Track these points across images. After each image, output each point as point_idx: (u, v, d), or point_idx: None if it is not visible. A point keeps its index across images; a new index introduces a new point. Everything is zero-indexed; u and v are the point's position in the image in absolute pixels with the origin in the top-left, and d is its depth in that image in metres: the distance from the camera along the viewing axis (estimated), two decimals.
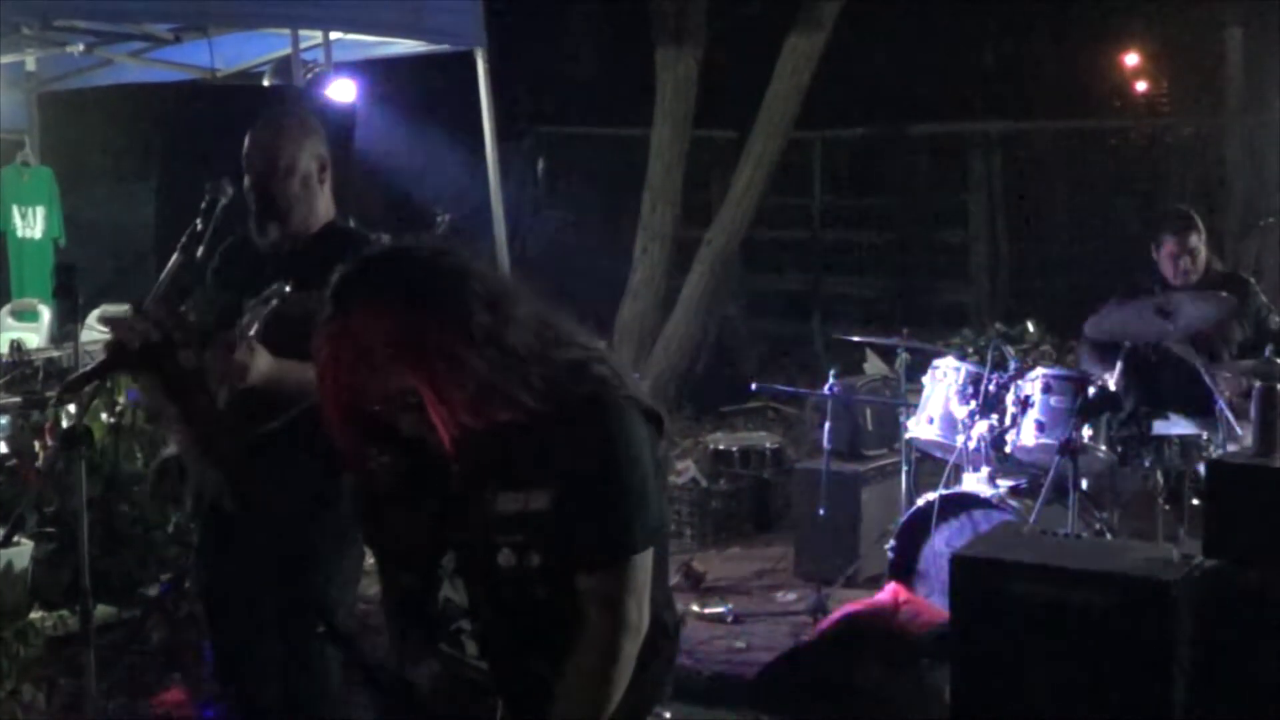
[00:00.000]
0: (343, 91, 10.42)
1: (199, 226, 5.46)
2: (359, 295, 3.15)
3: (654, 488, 3.24)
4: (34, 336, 9.86)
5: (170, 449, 5.17)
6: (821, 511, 8.59)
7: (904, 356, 8.82)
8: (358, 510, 3.45)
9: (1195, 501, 7.04)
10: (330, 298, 3.17)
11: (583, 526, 3.15)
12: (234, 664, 5.34)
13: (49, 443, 7.73)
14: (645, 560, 3.22)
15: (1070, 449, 7.19)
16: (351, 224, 5.49)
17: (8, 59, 10.80)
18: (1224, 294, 7.67)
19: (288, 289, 4.71)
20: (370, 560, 6.78)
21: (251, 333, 4.74)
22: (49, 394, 8.09)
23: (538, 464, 3.18)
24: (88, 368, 3.96)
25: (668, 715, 3.40)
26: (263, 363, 4.74)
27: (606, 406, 3.19)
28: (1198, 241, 7.98)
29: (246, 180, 5.18)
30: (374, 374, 3.11)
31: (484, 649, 3.30)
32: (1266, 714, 5.78)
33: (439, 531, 3.30)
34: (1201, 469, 6.93)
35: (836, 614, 7.41)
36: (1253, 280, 8.27)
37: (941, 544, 7.58)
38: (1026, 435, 7.60)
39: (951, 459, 7.88)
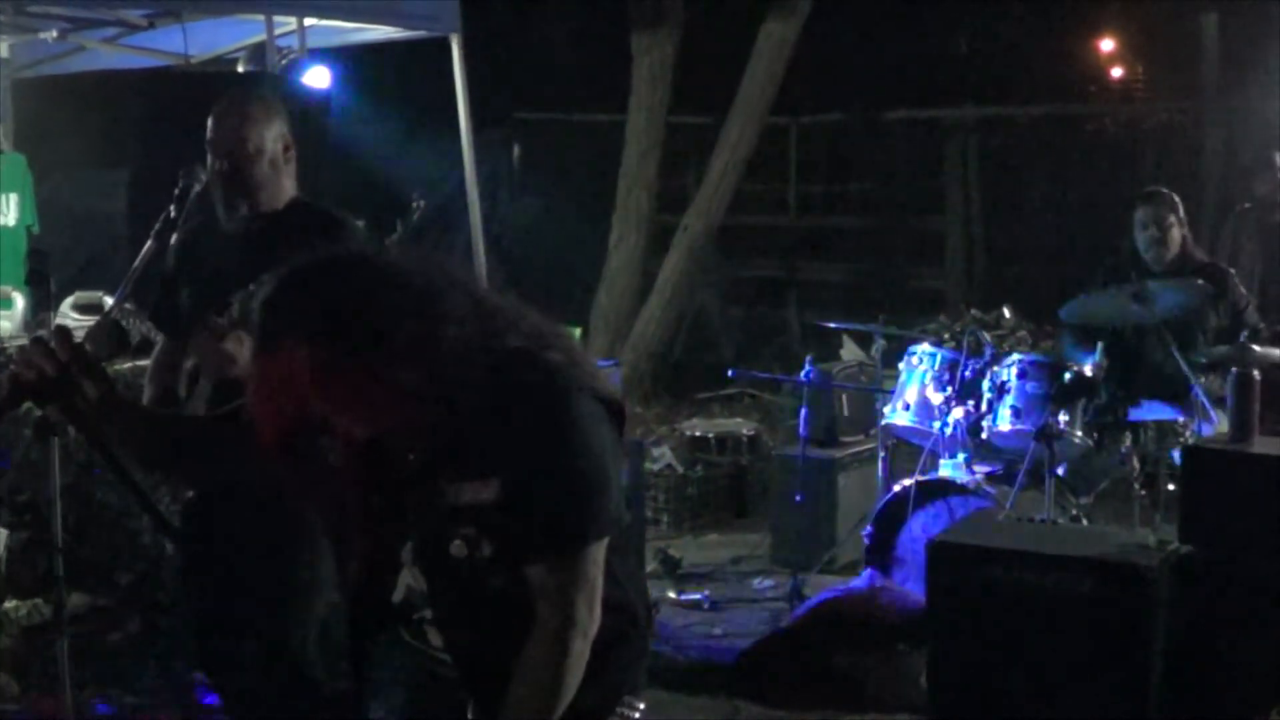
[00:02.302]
0: (317, 78, 10.38)
1: (172, 213, 5.44)
2: (279, 324, 3.07)
3: (609, 478, 3.17)
4: (7, 324, 9.80)
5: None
6: (798, 498, 8.61)
7: (880, 343, 8.82)
8: (308, 499, 3.41)
9: (1171, 487, 7.05)
10: (256, 323, 3.11)
11: (531, 517, 3.08)
12: (217, 648, 5.33)
13: (23, 431, 7.69)
14: (596, 553, 3.13)
15: (1046, 435, 7.20)
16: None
17: None
18: (1200, 282, 7.68)
19: None
20: None
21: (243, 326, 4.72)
22: None
23: (487, 453, 3.10)
24: None
25: (641, 706, 3.34)
26: (250, 352, 4.73)
27: (555, 394, 3.11)
28: (1168, 215, 7.97)
29: (214, 162, 5.18)
30: (303, 401, 3.03)
31: (446, 639, 3.25)
32: (1241, 697, 5.79)
33: (396, 520, 3.23)
34: (1177, 455, 6.93)
35: (813, 600, 7.41)
36: (1232, 271, 8.28)
37: (918, 530, 7.58)
38: (1003, 421, 7.61)
39: (928, 445, 7.89)
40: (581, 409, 3.13)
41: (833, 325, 10.02)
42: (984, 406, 7.70)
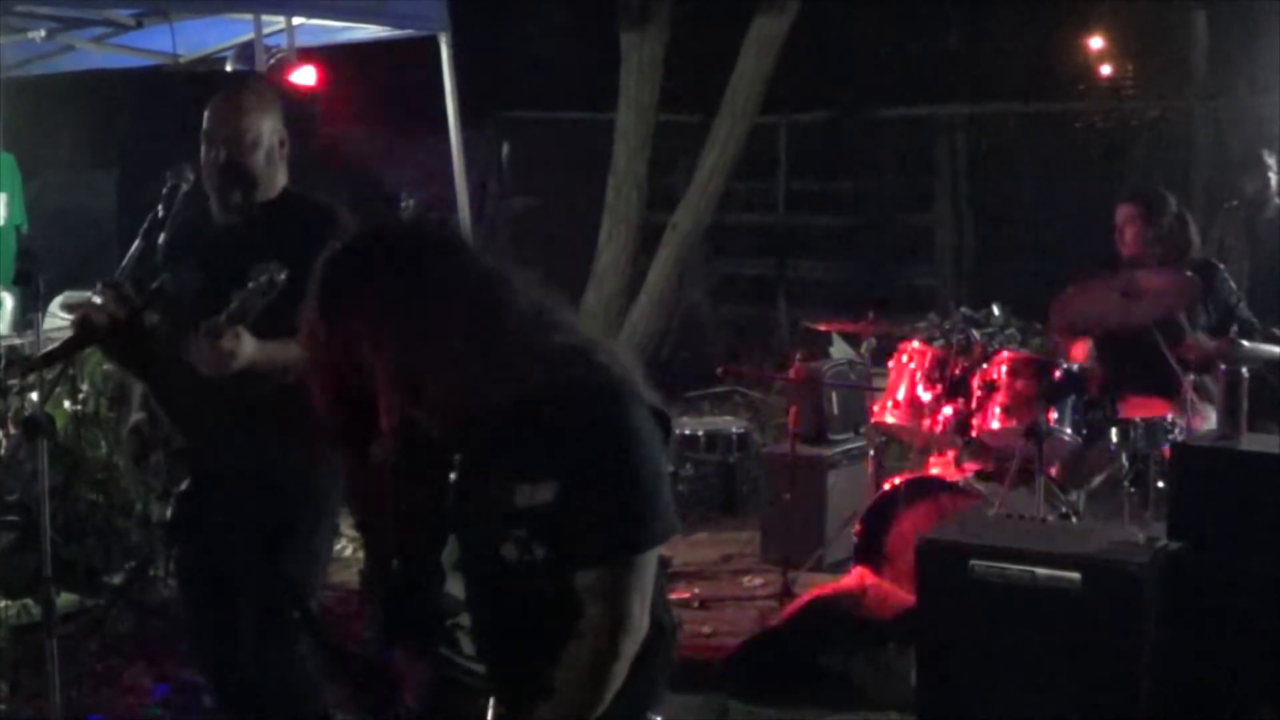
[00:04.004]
0: (306, 77, 10.39)
1: (160, 213, 5.43)
2: (344, 278, 3.09)
3: (664, 487, 3.16)
4: None
5: (138, 414, 5.15)
6: (787, 496, 8.60)
7: (870, 341, 8.83)
8: (350, 495, 3.38)
9: (1161, 484, 7.05)
10: (317, 279, 3.11)
11: (589, 521, 3.07)
12: (209, 643, 5.33)
13: (10, 431, 7.69)
14: (651, 559, 3.14)
15: (1036, 432, 7.20)
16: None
17: None
18: (1190, 275, 7.69)
19: (280, 277, 4.68)
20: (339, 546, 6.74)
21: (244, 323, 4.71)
22: (11, 381, 8.05)
23: (543, 453, 3.09)
24: (54, 345, 3.93)
25: (658, 719, 3.33)
26: (248, 347, 4.73)
27: (614, 398, 3.11)
28: (1141, 217, 7.99)
29: (209, 152, 5.17)
30: (360, 358, 3.04)
31: (481, 647, 3.22)
32: (1231, 695, 5.80)
33: (439, 521, 3.21)
34: (1167, 451, 6.93)
35: (803, 598, 7.40)
36: (1222, 267, 8.29)
37: (907, 528, 7.57)
38: (992, 419, 7.61)
39: (917, 443, 7.88)
40: (639, 416, 3.12)
41: (823, 328, 10.00)
42: (973, 404, 7.70)
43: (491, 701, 3.22)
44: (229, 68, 10.74)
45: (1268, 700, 5.81)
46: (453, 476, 3.18)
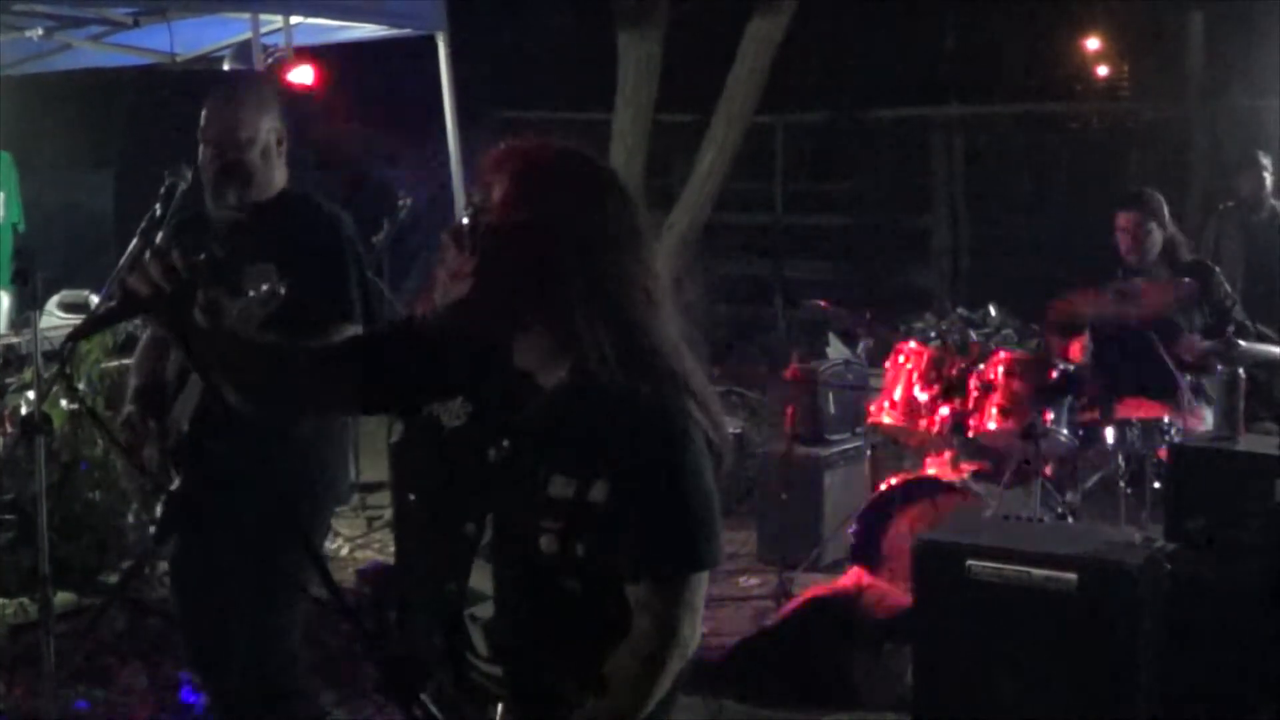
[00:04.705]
0: (303, 76, 10.39)
1: (158, 212, 5.43)
2: (515, 168, 3.16)
3: (718, 514, 3.11)
4: None
5: (130, 407, 5.15)
6: (784, 496, 8.60)
7: (866, 341, 8.83)
8: (403, 461, 3.35)
9: (1157, 485, 7.05)
10: (488, 166, 3.18)
11: (644, 533, 3.02)
12: (204, 642, 5.33)
13: (8, 429, 7.69)
14: (702, 580, 3.10)
15: (1032, 433, 7.20)
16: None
17: None
18: (1186, 280, 7.70)
19: (281, 289, 4.68)
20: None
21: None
22: (9, 380, 8.06)
23: (596, 451, 3.03)
24: (98, 312, 3.93)
25: None
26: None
27: (676, 414, 3.06)
28: (1147, 221, 7.99)
29: (205, 150, 5.16)
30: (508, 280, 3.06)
31: (495, 645, 3.14)
32: (1228, 696, 5.81)
33: (477, 502, 3.13)
34: (1163, 452, 6.94)
35: (799, 598, 7.40)
36: (1218, 269, 8.30)
37: (904, 528, 7.58)
38: (989, 419, 7.61)
39: (914, 443, 7.89)
40: (700, 443, 3.07)
41: (822, 303, 9.96)
42: (970, 404, 7.71)
43: (500, 709, 3.16)
44: (226, 67, 10.76)
45: (1264, 700, 5.82)
46: (505, 445, 3.13)
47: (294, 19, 10.37)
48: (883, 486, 7.78)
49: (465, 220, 3.12)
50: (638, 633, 3.05)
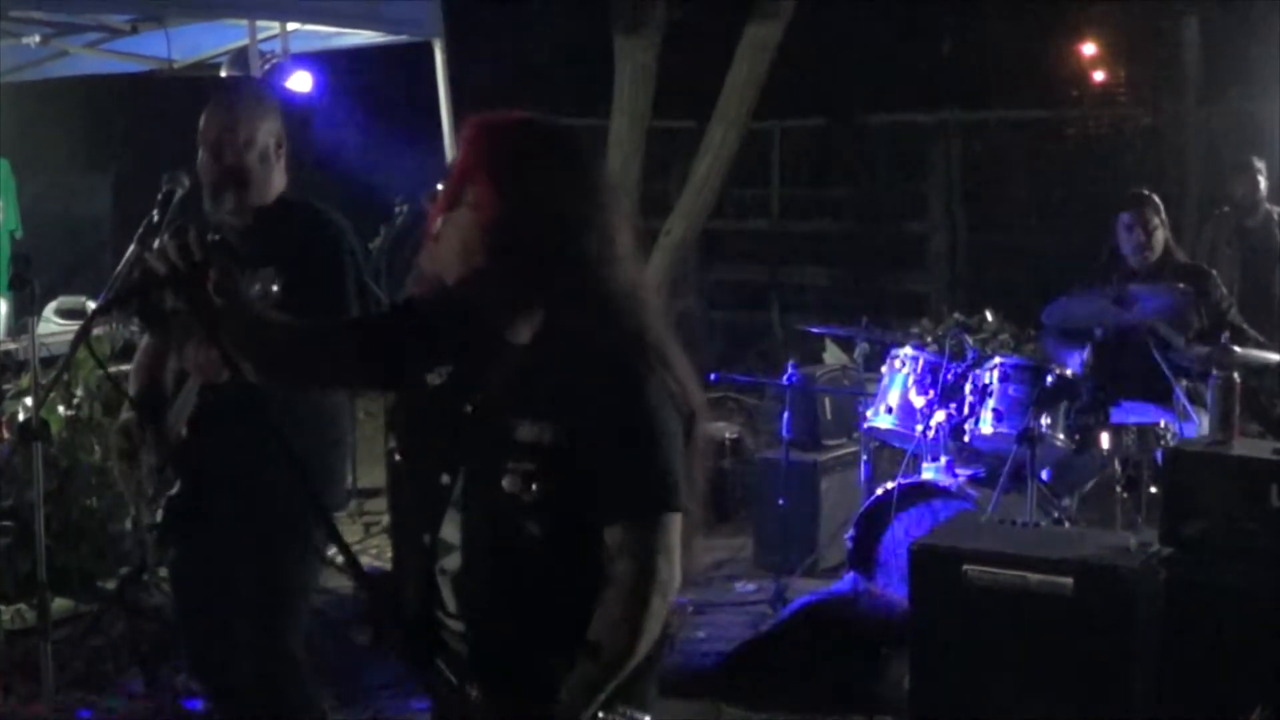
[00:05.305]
0: (300, 82, 10.40)
1: (155, 218, 5.43)
2: (485, 148, 3.30)
3: (680, 461, 3.24)
4: None
5: (127, 413, 5.16)
6: (781, 501, 8.60)
7: (863, 346, 8.83)
8: (392, 423, 3.50)
9: (1153, 489, 7.06)
10: (462, 141, 3.35)
11: (613, 477, 3.16)
12: (205, 648, 5.33)
13: (5, 435, 7.69)
14: (674, 522, 3.22)
15: (1028, 438, 7.21)
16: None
17: None
18: (1181, 285, 7.71)
19: (274, 289, 4.69)
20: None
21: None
22: (6, 386, 8.07)
23: (559, 396, 3.18)
24: (118, 289, 3.95)
25: (646, 718, 3.35)
26: None
27: (632, 360, 3.21)
28: (1153, 218, 8.03)
29: (203, 156, 5.16)
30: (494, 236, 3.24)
31: (460, 598, 3.27)
32: (1223, 700, 5.81)
33: (452, 453, 3.30)
34: (1159, 456, 6.95)
35: (796, 604, 7.41)
36: (1214, 273, 8.32)
37: (900, 533, 7.58)
38: (985, 424, 7.62)
39: (910, 448, 7.90)
40: (658, 389, 3.21)
41: (815, 330, 10.00)
42: (966, 409, 7.72)
43: (474, 689, 3.26)
44: (224, 73, 10.76)
45: (1260, 705, 5.82)
46: (478, 398, 3.30)
47: (291, 25, 10.38)
48: (879, 492, 7.78)
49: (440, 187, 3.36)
50: (619, 575, 3.16)
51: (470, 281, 3.27)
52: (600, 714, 3.20)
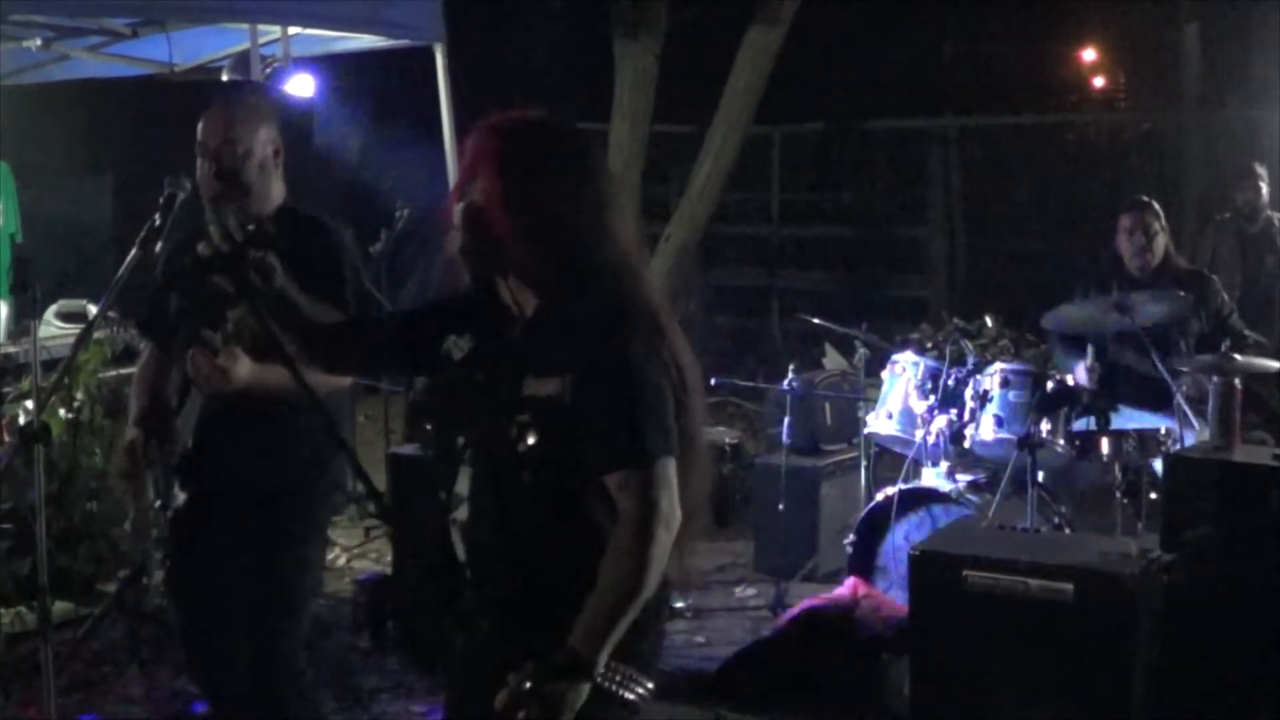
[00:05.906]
0: (301, 86, 10.40)
1: (157, 222, 5.42)
2: (495, 151, 3.55)
3: (670, 410, 3.42)
4: None
5: (132, 431, 5.16)
6: (781, 506, 8.61)
7: (863, 351, 8.83)
8: (422, 399, 3.76)
9: (1153, 495, 7.06)
10: (471, 147, 3.61)
11: (612, 427, 3.35)
12: (203, 656, 5.33)
13: (6, 438, 7.69)
14: (669, 465, 3.37)
15: (1029, 443, 7.20)
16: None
17: None
18: (1181, 292, 7.72)
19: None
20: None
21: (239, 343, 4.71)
22: (7, 389, 8.06)
23: (559, 353, 3.41)
24: (173, 268, 4.06)
25: (649, 685, 3.42)
26: (244, 369, 4.75)
27: (621, 318, 3.42)
28: (1154, 223, 8.04)
29: (202, 164, 5.15)
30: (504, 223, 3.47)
31: (467, 546, 3.52)
32: (1223, 705, 5.82)
33: (467, 414, 3.57)
34: (1159, 463, 6.95)
35: (796, 609, 7.40)
36: (1215, 278, 8.32)
37: (900, 538, 7.59)
38: (985, 430, 7.62)
39: (910, 454, 7.89)
40: (644, 345, 3.43)
41: (816, 320, 9.96)
42: (966, 415, 7.72)
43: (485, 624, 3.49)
44: (225, 77, 10.75)
45: (1261, 710, 5.83)
46: (491, 365, 3.55)
47: (292, 30, 10.38)
48: (879, 497, 7.78)
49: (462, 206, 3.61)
50: (624, 514, 3.34)
51: (478, 262, 3.56)
52: (604, 673, 3.32)
